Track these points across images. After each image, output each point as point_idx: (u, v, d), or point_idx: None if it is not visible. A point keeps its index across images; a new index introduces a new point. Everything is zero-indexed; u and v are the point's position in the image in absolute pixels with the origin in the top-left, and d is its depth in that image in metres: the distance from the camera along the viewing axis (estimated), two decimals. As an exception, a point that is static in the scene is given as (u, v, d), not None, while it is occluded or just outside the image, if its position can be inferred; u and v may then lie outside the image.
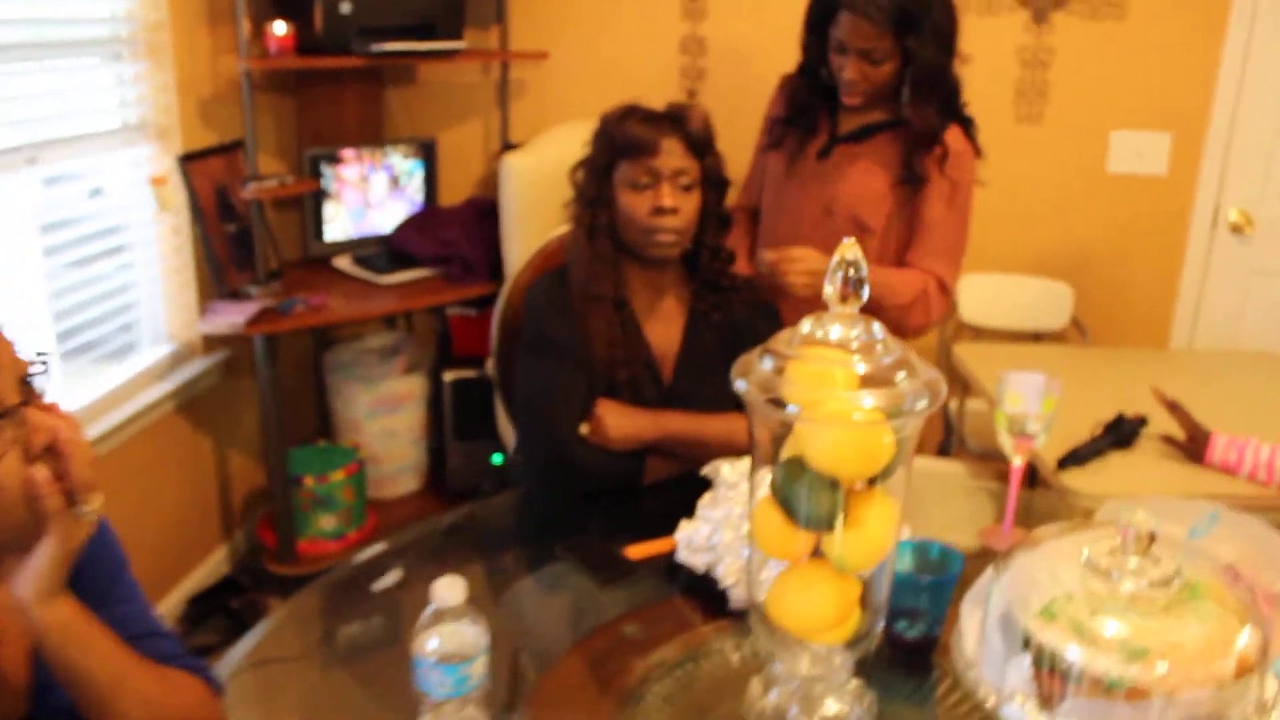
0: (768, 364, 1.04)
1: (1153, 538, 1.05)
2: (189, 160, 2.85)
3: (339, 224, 3.28)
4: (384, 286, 3.12)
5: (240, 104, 2.87)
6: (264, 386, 2.96)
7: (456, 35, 3.13)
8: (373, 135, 3.43)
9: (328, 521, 3.14)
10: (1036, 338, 3.35)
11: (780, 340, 1.06)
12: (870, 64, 2.07)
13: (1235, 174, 3.26)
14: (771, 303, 1.98)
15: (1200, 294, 3.37)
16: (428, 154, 3.42)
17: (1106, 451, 2.21)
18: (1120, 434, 2.25)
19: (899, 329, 2.09)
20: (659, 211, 1.77)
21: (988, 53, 3.24)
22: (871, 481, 1.07)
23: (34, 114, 2.42)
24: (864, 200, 2.17)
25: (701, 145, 1.82)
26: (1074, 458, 2.17)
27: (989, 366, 2.83)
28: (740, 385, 1.03)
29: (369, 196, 3.32)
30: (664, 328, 1.91)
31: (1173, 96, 3.25)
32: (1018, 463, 1.62)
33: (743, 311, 1.91)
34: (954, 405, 3.12)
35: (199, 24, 2.89)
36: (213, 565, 3.16)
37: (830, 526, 1.05)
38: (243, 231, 3.01)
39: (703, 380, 1.86)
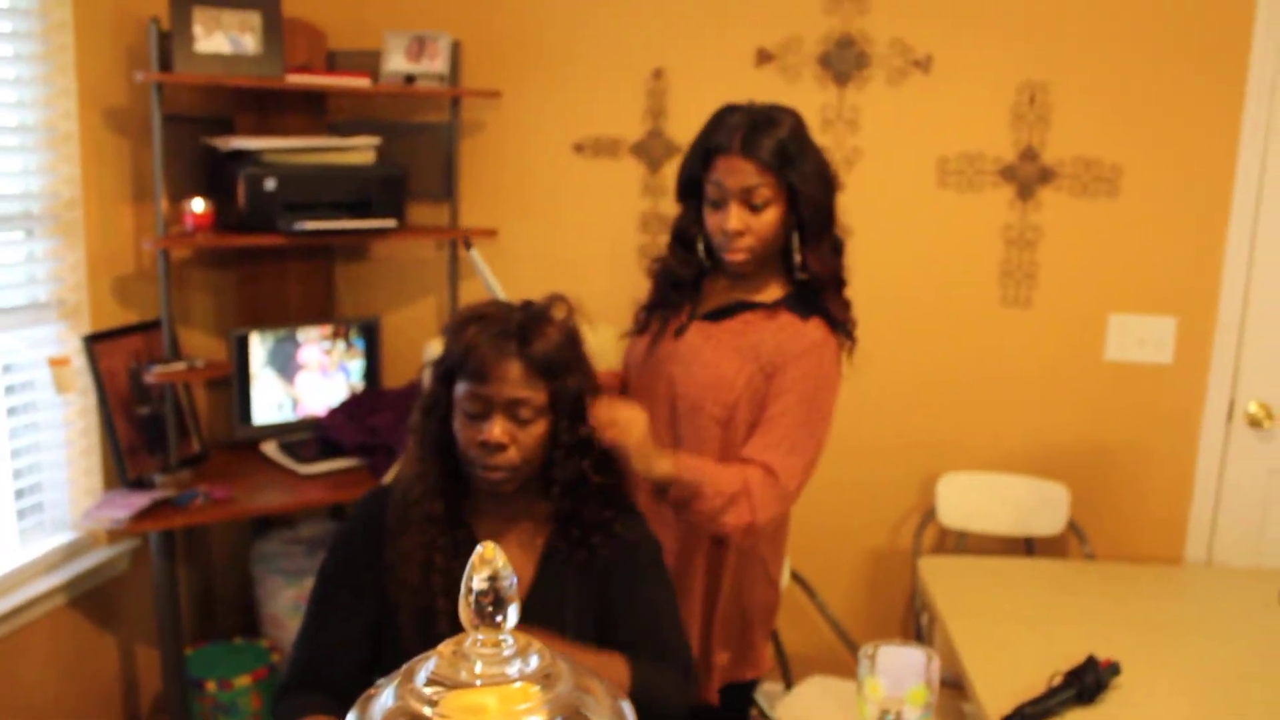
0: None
1: None
2: (97, 340, 2.70)
3: (269, 407, 3.09)
4: (305, 477, 2.89)
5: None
6: (158, 583, 2.74)
7: (395, 213, 2.96)
8: (319, 313, 3.26)
9: (230, 734, 2.85)
10: (1028, 546, 2.98)
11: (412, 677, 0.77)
12: (752, 210, 1.85)
13: (1251, 361, 2.92)
14: (654, 538, 1.69)
15: (1218, 497, 2.98)
16: (369, 334, 3.23)
17: (1062, 710, 1.85)
18: (1083, 685, 1.89)
19: (720, 530, 1.79)
20: (485, 447, 1.53)
21: (969, 232, 3.02)
22: None
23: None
24: (711, 386, 1.90)
25: (551, 368, 1.54)
26: (1021, 717, 1.81)
27: (957, 586, 2.48)
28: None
29: (299, 379, 3.14)
30: (513, 558, 1.58)
31: (1176, 277, 2.95)
32: (890, 760, 1.28)
33: (615, 551, 1.62)
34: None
35: (120, 202, 2.78)
36: (112, 776, 2.89)
37: None
38: (156, 415, 2.83)
39: (552, 628, 1.53)
